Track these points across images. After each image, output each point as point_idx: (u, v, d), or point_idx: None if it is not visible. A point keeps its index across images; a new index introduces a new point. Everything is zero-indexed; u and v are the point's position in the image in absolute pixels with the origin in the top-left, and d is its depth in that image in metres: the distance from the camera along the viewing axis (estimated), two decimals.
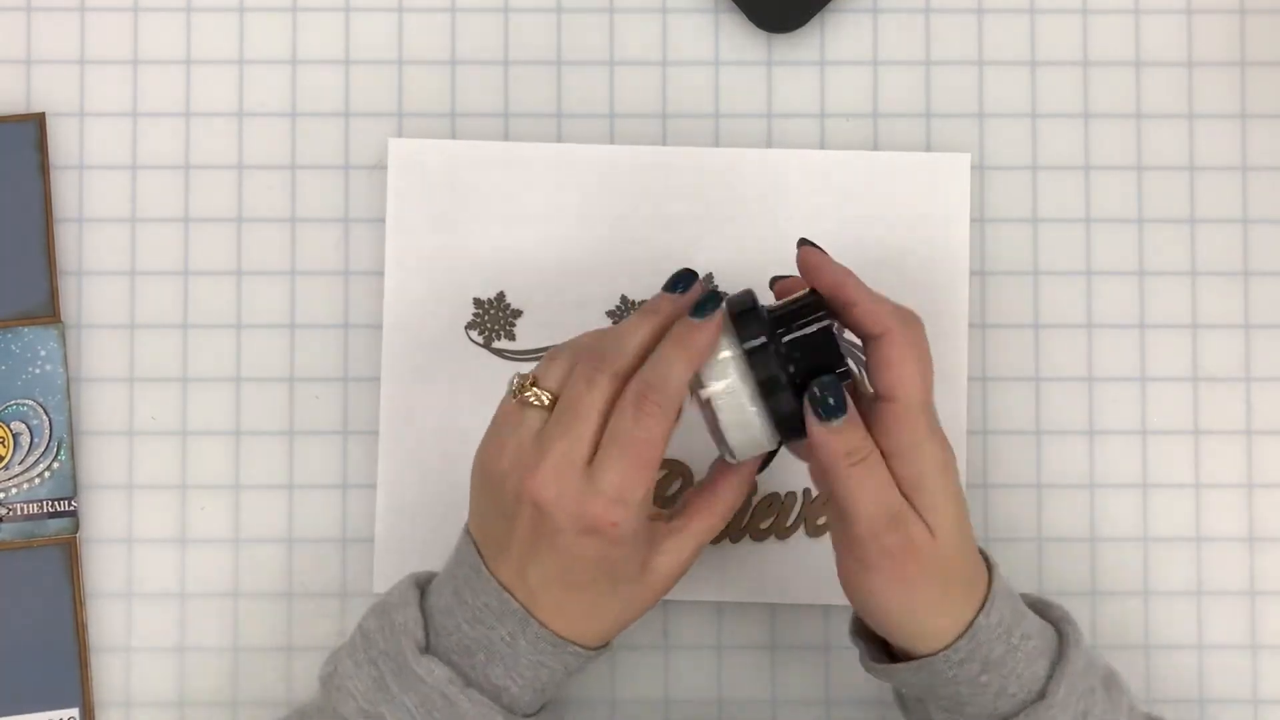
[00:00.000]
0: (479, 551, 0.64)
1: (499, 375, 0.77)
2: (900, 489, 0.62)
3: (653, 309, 0.64)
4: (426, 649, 0.63)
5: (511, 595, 0.62)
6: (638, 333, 0.63)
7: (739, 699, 0.78)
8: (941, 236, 0.78)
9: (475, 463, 0.66)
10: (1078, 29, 0.80)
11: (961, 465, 0.77)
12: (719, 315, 0.63)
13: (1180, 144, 0.79)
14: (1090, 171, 0.79)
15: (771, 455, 0.67)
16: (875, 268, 0.78)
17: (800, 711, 0.78)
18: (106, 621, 0.78)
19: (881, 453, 0.62)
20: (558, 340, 0.77)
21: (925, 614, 0.63)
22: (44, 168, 0.78)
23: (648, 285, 0.78)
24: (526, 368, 0.77)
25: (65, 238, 0.79)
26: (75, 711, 0.77)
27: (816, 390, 0.62)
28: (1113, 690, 0.66)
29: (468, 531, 0.66)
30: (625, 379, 0.62)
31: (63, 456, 0.77)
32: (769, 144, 0.79)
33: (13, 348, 0.77)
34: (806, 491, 0.77)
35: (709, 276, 0.78)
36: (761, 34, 0.79)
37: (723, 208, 0.78)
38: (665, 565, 0.64)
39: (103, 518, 0.78)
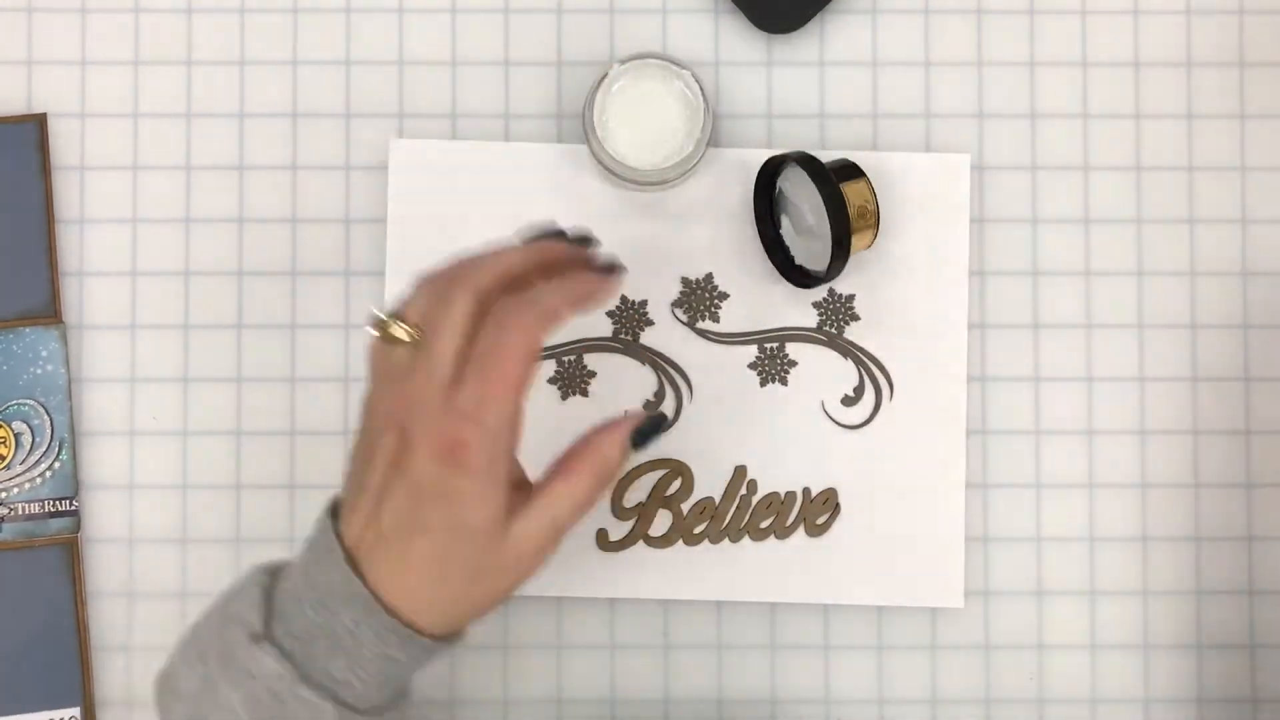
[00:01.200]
0: (334, 517, 0.60)
1: None
2: None
3: (520, 244, 0.62)
4: (264, 636, 0.58)
5: (358, 574, 0.58)
6: (501, 256, 0.60)
7: (739, 699, 0.78)
8: (941, 236, 0.78)
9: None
10: (1077, 29, 0.80)
11: (962, 465, 0.77)
12: (616, 267, 0.62)
13: (1179, 144, 0.79)
14: (1089, 172, 0.79)
15: (657, 426, 0.63)
16: (875, 268, 0.78)
17: (800, 711, 0.78)
18: (107, 621, 0.78)
19: None
20: (557, 340, 0.78)
21: None
22: (45, 168, 0.78)
23: (648, 285, 0.78)
24: None
25: (66, 238, 0.79)
26: (76, 711, 0.77)
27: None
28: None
29: (329, 505, 0.62)
30: (485, 297, 0.58)
31: (64, 456, 0.77)
32: (769, 144, 0.79)
33: (14, 348, 0.77)
34: (806, 491, 0.77)
35: (709, 275, 0.78)
36: (761, 34, 0.79)
37: (722, 208, 0.78)
38: (520, 534, 0.59)
39: (104, 517, 0.78)
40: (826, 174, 0.73)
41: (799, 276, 0.77)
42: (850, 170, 0.75)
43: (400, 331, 0.59)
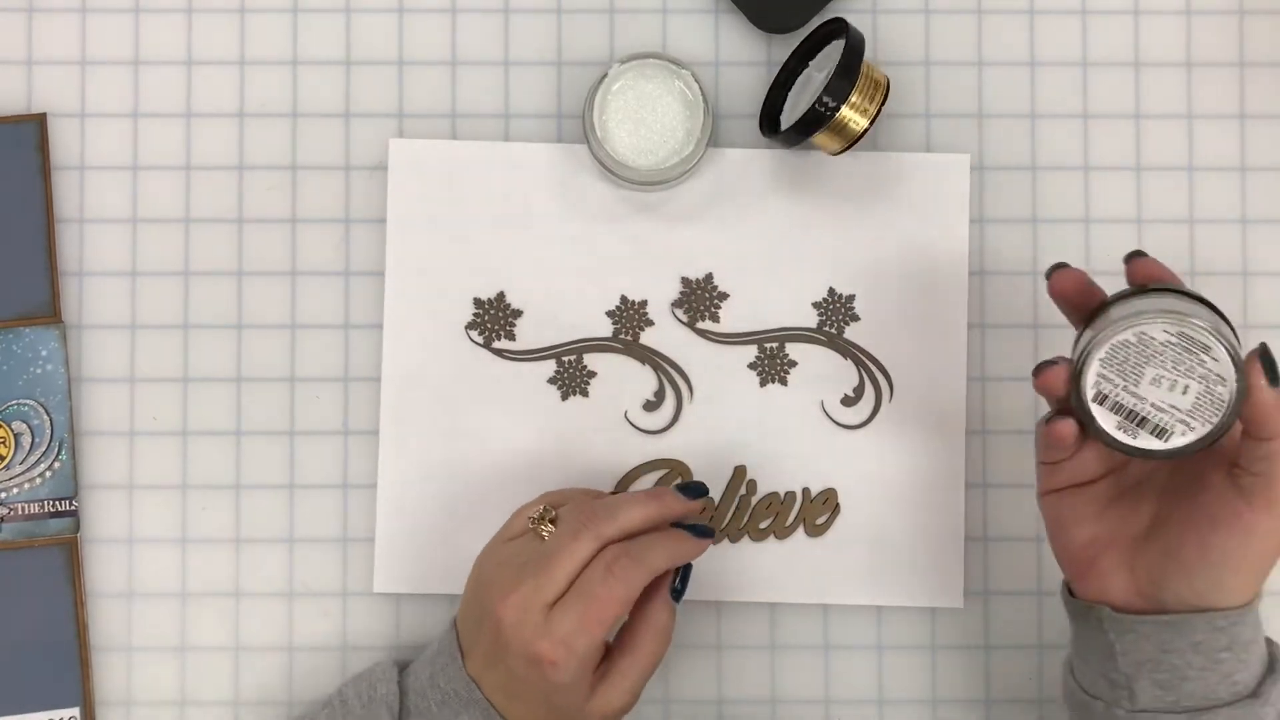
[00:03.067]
0: (459, 644, 0.70)
1: (499, 375, 0.78)
2: None
3: (657, 497, 0.71)
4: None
5: (479, 688, 0.68)
6: (633, 510, 0.69)
7: (739, 699, 0.78)
8: (941, 237, 0.78)
9: (476, 563, 0.71)
10: (1077, 29, 0.80)
11: (961, 465, 0.77)
12: (709, 541, 0.71)
13: (1179, 144, 0.79)
14: (1089, 172, 0.79)
15: (686, 576, 0.71)
16: (875, 268, 0.78)
17: (800, 711, 0.78)
18: (107, 621, 0.78)
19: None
20: (557, 340, 0.78)
21: (1262, 573, 0.65)
22: (45, 168, 0.78)
23: (647, 285, 0.78)
24: (527, 368, 0.78)
25: (66, 238, 0.79)
26: (76, 711, 0.77)
27: (1268, 361, 0.63)
28: None
29: (454, 624, 0.71)
30: (606, 543, 0.68)
31: (64, 456, 0.77)
32: (769, 144, 0.79)
33: (14, 348, 0.77)
34: (806, 491, 0.77)
35: (708, 277, 0.78)
36: (761, 34, 0.79)
37: (722, 208, 0.78)
38: (605, 702, 0.69)
39: (103, 518, 0.78)
40: (860, 48, 0.73)
41: (769, 125, 0.77)
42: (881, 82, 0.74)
43: (544, 532, 0.69)
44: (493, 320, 0.78)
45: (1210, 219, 0.79)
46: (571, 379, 0.78)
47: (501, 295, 0.78)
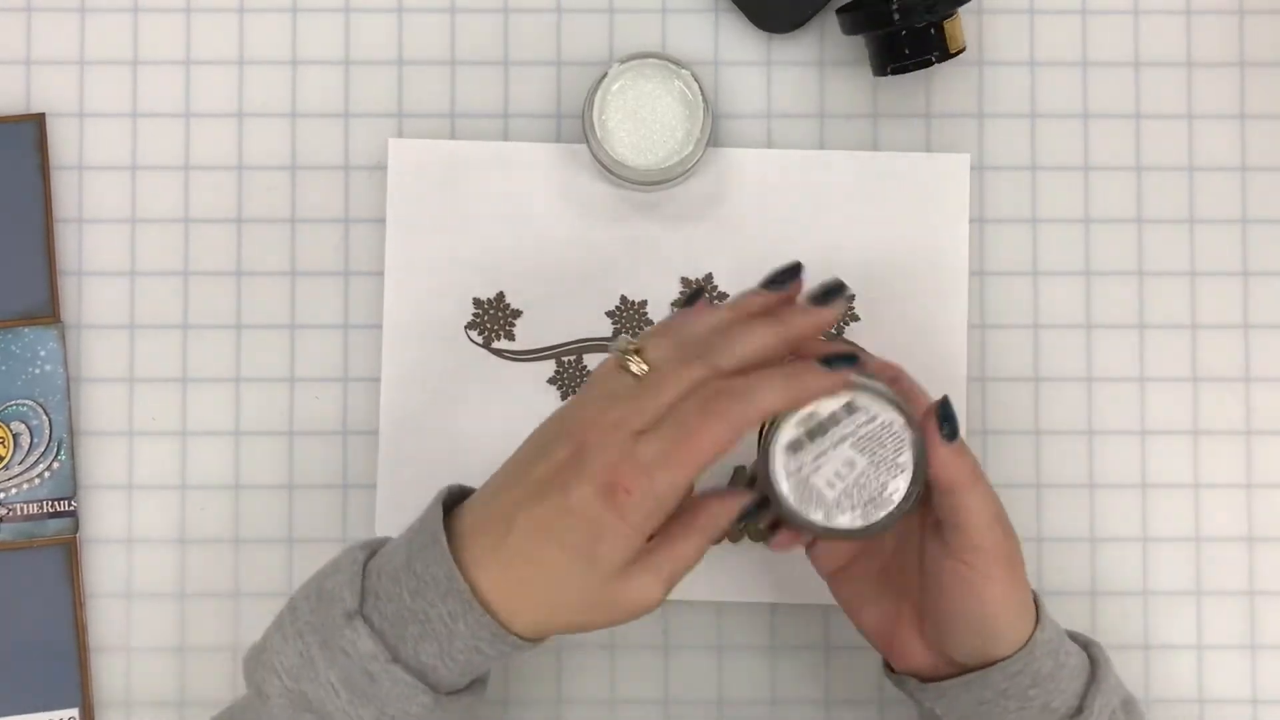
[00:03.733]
0: (445, 511, 0.62)
1: (499, 375, 0.78)
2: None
3: (780, 319, 0.62)
4: (358, 613, 0.61)
5: (461, 569, 0.60)
6: (753, 341, 0.61)
7: (739, 699, 0.78)
8: (941, 236, 0.78)
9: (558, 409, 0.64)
10: (1077, 29, 0.80)
11: None
12: (848, 376, 0.62)
13: (1179, 144, 0.79)
14: (1089, 172, 0.79)
15: (759, 506, 0.64)
16: (875, 268, 0.78)
17: (800, 711, 0.78)
18: (106, 621, 0.78)
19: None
20: (557, 340, 0.78)
21: (1015, 615, 0.65)
22: (44, 168, 0.78)
23: (647, 285, 0.78)
24: (527, 368, 0.77)
25: (65, 238, 0.79)
26: (75, 711, 0.77)
27: (944, 415, 0.64)
28: (1131, 713, 0.68)
29: (441, 495, 0.63)
30: (720, 374, 0.60)
31: (63, 456, 0.77)
32: (769, 144, 0.79)
33: (13, 348, 0.77)
34: None
35: (708, 277, 0.78)
36: (761, 34, 0.79)
37: (722, 208, 0.78)
38: (634, 584, 0.61)
39: (103, 518, 0.78)
40: None
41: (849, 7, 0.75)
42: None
43: (635, 366, 0.61)
44: (492, 320, 0.78)
45: (1210, 219, 0.79)
46: (571, 379, 0.78)
47: (501, 295, 0.78)
